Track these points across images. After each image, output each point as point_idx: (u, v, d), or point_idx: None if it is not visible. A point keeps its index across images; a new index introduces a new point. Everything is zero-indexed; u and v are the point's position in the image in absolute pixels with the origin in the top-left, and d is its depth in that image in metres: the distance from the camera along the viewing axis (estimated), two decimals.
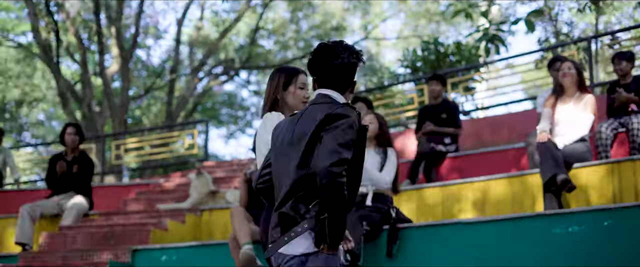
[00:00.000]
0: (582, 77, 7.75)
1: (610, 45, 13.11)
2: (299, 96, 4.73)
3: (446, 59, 14.93)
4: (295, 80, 4.73)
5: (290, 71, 4.81)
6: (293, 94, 4.73)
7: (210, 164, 13.30)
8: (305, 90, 4.74)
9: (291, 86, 4.72)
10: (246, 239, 6.91)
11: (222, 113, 28.77)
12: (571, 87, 7.71)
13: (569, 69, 7.72)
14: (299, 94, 4.73)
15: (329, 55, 3.83)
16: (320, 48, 3.88)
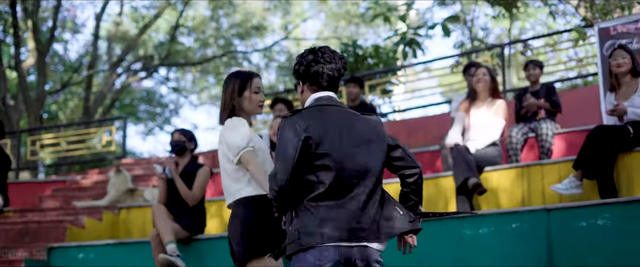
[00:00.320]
0: (496, 83, 8.03)
1: (523, 52, 13.56)
2: (255, 101, 4.61)
3: (364, 62, 15.15)
4: (250, 85, 4.61)
5: (244, 76, 4.69)
6: (248, 99, 4.58)
7: (129, 162, 13.25)
8: (260, 94, 4.63)
9: (246, 91, 4.59)
10: (170, 237, 6.94)
11: (140, 110, 28.57)
12: (484, 92, 7.98)
13: (484, 75, 7.99)
14: (254, 98, 4.60)
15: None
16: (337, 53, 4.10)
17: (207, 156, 13.15)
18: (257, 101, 4.60)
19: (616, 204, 5.67)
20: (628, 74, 7.38)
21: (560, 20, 17.88)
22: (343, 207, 3.81)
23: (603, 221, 5.59)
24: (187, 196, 7.35)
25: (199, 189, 7.42)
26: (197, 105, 31.69)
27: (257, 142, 4.54)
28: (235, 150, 4.46)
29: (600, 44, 10.54)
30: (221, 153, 4.59)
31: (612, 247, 5.52)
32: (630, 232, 5.49)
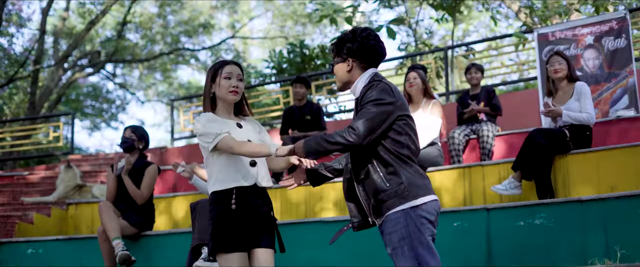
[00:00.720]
0: (427, 84, 8.20)
1: (466, 56, 13.85)
2: (224, 86, 4.53)
3: (311, 62, 15.30)
4: (221, 72, 4.56)
5: (216, 64, 4.67)
6: (219, 85, 4.54)
7: (76, 158, 13.21)
8: (232, 79, 4.55)
9: (217, 77, 4.55)
10: (116, 233, 7.02)
11: (85, 105, 28.31)
12: (417, 95, 8.17)
13: (414, 79, 8.16)
14: (223, 84, 4.53)
15: None
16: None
17: (155, 152, 13.20)
18: (227, 86, 4.52)
19: (552, 204, 5.90)
20: (564, 80, 7.68)
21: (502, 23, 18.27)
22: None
23: (540, 220, 5.83)
24: (136, 195, 7.44)
25: (147, 188, 7.52)
26: (144, 101, 31.51)
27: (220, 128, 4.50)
28: (203, 146, 4.52)
29: (540, 49, 10.91)
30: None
31: (548, 245, 5.75)
32: (566, 231, 5.73)
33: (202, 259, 6.33)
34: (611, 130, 8.81)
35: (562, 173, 7.28)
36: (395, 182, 4.05)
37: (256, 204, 4.49)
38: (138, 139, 7.68)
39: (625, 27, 10.43)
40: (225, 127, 4.48)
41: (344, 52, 4.34)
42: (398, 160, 4.07)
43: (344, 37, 4.38)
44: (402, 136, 4.12)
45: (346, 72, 4.35)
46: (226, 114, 4.61)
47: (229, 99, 4.55)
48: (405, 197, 4.01)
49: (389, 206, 4.02)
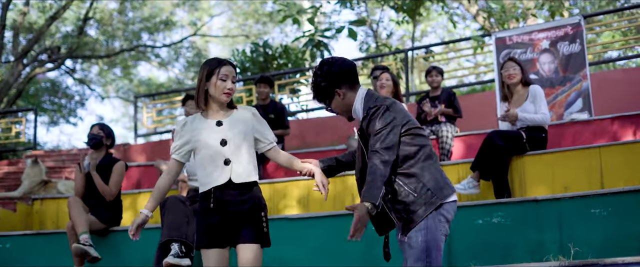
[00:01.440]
0: (397, 87, 8.40)
1: (425, 57, 14.12)
2: (220, 88, 4.59)
3: (274, 61, 15.44)
4: (218, 72, 4.60)
5: (214, 62, 4.70)
6: (214, 85, 4.58)
7: (39, 153, 13.22)
8: (228, 81, 4.60)
9: (213, 77, 4.59)
10: (84, 228, 7.10)
11: (43, 100, 28.06)
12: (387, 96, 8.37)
13: (387, 80, 8.35)
14: (219, 85, 4.58)
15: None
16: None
17: (118, 148, 13.25)
18: (222, 88, 4.58)
19: (510, 203, 6.15)
20: (519, 84, 7.92)
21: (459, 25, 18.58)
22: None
23: (498, 218, 6.07)
24: (104, 191, 7.53)
25: (115, 184, 7.62)
26: (103, 97, 31.31)
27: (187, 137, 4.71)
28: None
29: (497, 53, 11.21)
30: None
31: (505, 243, 6.00)
32: (522, 229, 5.99)
33: (172, 255, 6.45)
34: (565, 132, 9.12)
35: (519, 173, 7.54)
36: (423, 189, 4.22)
37: (234, 201, 4.58)
38: (106, 136, 7.77)
39: (580, 33, 10.77)
40: (200, 133, 4.63)
41: (327, 91, 4.48)
42: (417, 166, 4.25)
43: (315, 82, 4.54)
44: (414, 142, 4.30)
45: (342, 103, 4.50)
46: (215, 111, 4.67)
47: (221, 99, 4.61)
48: (433, 202, 4.20)
49: (421, 214, 4.20)
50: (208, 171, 4.63)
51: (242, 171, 4.61)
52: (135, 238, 4.74)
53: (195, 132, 4.66)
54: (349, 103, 4.50)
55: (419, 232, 4.20)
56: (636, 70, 12.72)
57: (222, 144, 4.60)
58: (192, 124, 4.69)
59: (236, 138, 4.63)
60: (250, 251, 4.58)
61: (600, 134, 8.99)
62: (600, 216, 5.76)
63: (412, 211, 4.22)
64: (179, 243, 6.53)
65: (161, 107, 16.01)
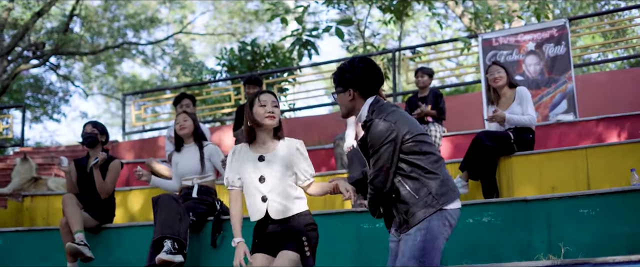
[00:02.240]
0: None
1: (412, 58, 14.20)
2: (260, 113, 4.88)
3: (262, 60, 15.48)
4: (258, 100, 4.93)
5: (253, 95, 5.02)
6: (256, 113, 4.89)
7: (28, 150, 13.19)
8: (267, 106, 4.89)
9: (255, 106, 4.91)
10: (79, 226, 7.13)
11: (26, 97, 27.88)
12: None
13: None
14: (259, 111, 4.88)
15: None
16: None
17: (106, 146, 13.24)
18: (262, 113, 4.86)
19: (499, 203, 6.25)
20: (505, 86, 8.03)
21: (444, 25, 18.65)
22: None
23: (488, 218, 6.17)
24: (102, 189, 7.55)
25: (112, 182, 7.63)
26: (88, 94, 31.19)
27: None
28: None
29: (484, 54, 11.33)
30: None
31: (495, 242, 6.10)
32: (511, 228, 6.09)
33: (165, 252, 6.51)
34: (551, 133, 9.26)
35: (507, 174, 7.66)
36: (424, 193, 4.32)
37: (276, 233, 4.92)
38: (100, 134, 7.80)
39: (565, 35, 10.91)
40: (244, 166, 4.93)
41: (344, 82, 4.57)
42: (422, 172, 4.34)
43: (343, 68, 4.61)
44: (418, 151, 4.36)
45: (349, 101, 4.58)
46: (261, 143, 4.95)
47: (265, 123, 4.87)
48: (433, 205, 4.30)
49: (420, 216, 4.30)
50: (249, 202, 4.97)
51: (279, 207, 4.86)
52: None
53: (240, 164, 4.98)
54: (352, 106, 4.60)
55: (418, 231, 4.28)
56: (620, 73, 12.89)
57: (260, 181, 4.88)
58: (240, 154, 5.00)
59: (274, 175, 4.88)
60: (286, 256, 4.81)
61: (586, 136, 9.13)
62: (588, 216, 5.87)
63: (412, 213, 4.32)
64: (172, 240, 6.58)
65: (149, 105, 15.99)
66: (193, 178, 7.39)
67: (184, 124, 7.53)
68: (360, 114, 4.59)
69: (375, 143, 4.33)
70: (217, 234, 7.11)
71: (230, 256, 6.84)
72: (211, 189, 7.44)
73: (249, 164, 4.93)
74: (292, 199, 4.90)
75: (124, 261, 7.44)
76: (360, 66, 4.56)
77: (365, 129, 4.44)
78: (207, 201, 7.30)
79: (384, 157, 4.31)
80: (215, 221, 7.15)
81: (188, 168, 7.44)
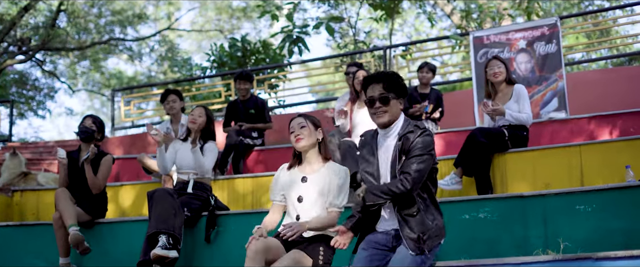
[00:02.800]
0: None
1: (403, 55, 14.20)
2: (292, 140, 5.34)
3: (252, 56, 15.45)
4: (289, 128, 5.40)
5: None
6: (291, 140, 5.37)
7: (16, 145, 13.11)
8: (296, 130, 5.31)
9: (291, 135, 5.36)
10: (72, 220, 7.09)
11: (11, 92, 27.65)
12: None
13: (363, 76, 8.42)
14: (292, 138, 5.34)
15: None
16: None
17: None
18: (292, 139, 5.33)
19: (496, 199, 6.26)
20: (503, 82, 8.04)
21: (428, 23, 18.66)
22: None
23: (484, 214, 6.18)
24: (94, 184, 7.50)
25: (103, 178, 7.58)
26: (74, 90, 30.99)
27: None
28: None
29: (475, 52, 11.35)
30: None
31: (491, 238, 6.10)
32: (508, 224, 6.10)
33: (160, 246, 6.48)
34: (543, 131, 9.28)
35: (501, 170, 7.67)
36: (437, 221, 4.69)
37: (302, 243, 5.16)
38: (97, 130, 7.75)
39: (556, 33, 10.95)
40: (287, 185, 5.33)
41: (401, 91, 4.82)
42: (433, 202, 4.73)
43: (397, 76, 4.87)
44: (433, 178, 4.77)
45: (395, 109, 4.81)
46: (309, 163, 5.33)
47: (297, 147, 5.30)
48: (439, 236, 4.68)
49: (430, 245, 4.61)
50: (287, 219, 5.36)
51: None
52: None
53: (286, 181, 5.37)
54: (396, 113, 4.82)
55: (417, 257, 4.58)
56: (611, 71, 12.95)
57: (298, 201, 5.24)
58: (288, 171, 5.41)
59: (311, 197, 5.22)
60: (293, 253, 5.01)
61: (578, 133, 9.15)
62: (584, 212, 5.89)
63: (428, 237, 4.61)
64: (167, 235, 6.55)
65: (137, 101, 15.92)
66: (189, 173, 7.36)
67: (197, 119, 7.50)
68: (396, 125, 4.82)
69: (423, 149, 4.61)
70: (212, 230, 7.07)
71: (225, 252, 6.96)
72: (206, 185, 7.42)
73: (291, 183, 5.30)
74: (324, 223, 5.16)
75: (117, 256, 7.40)
76: (401, 80, 4.87)
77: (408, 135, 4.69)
78: (202, 196, 7.27)
79: (426, 163, 4.61)
80: (209, 216, 7.11)
81: (186, 162, 7.41)
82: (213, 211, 7.17)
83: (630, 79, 11.50)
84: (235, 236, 7.00)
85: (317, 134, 5.37)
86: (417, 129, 4.70)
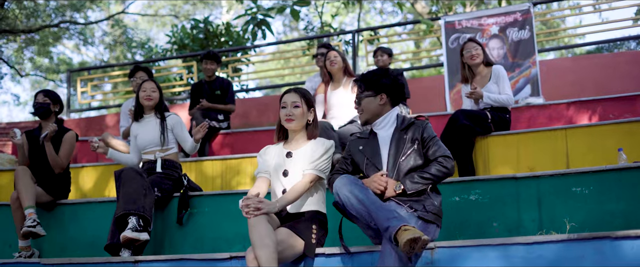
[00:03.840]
0: (347, 63, 8.25)
1: (370, 40, 13.98)
2: (281, 116, 5.09)
3: (215, 39, 15.11)
4: (281, 101, 5.13)
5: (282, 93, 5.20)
6: (280, 113, 5.11)
7: None
8: (287, 108, 5.05)
9: (281, 108, 5.11)
10: (30, 202, 6.66)
11: None
12: (338, 73, 8.19)
13: (335, 57, 8.18)
14: (281, 113, 5.09)
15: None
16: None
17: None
18: (283, 116, 5.08)
19: (488, 180, 6.01)
20: (481, 64, 7.85)
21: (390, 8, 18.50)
22: None
23: (475, 196, 5.94)
24: (55, 163, 7.08)
25: (66, 156, 7.17)
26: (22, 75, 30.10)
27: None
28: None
29: (446, 37, 11.15)
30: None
31: (483, 220, 5.86)
32: (500, 207, 5.86)
33: (130, 229, 6.07)
34: (520, 117, 9.11)
35: (483, 154, 7.48)
36: (438, 202, 4.81)
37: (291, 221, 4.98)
38: (53, 103, 7.33)
39: (529, 19, 10.81)
40: (272, 160, 5.15)
41: (377, 87, 4.96)
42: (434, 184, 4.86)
43: (376, 73, 5.03)
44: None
45: (378, 105, 4.98)
46: (294, 140, 5.15)
47: (287, 126, 5.10)
48: (440, 217, 4.80)
49: (433, 221, 4.73)
50: (272, 194, 5.17)
51: (296, 203, 5.01)
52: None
53: (270, 157, 5.18)
54: (378, 110, 5.01)
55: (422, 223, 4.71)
56: (583, 58, 12.90)
57: (284, 175, 5.05)
58: (267, 152, 5.23)
59: (297, 172, 5.02)
60: (283, 233, 4.76)
61: (557, 119, 9.02)
62: (581, 194, 5.67)
63: (432, 213, 4.75)
64: (137, 216, 6.14)
65: (97, 83, 15.40)
66: (155, 151, 6.97)
67: (152, 95, 7.09)
68: (384, 121, 5.01)
69: (434, 136, 4.89)
70: (184, 211, 6.70)
71: (196, 234, 6.63)
72: (176, 163, 7.01)
73: (277, 160, 5.12)
74: (310, 197, 5.03)
75: (81, 239, 7.00)
76: (394, 75, 5.00)
77: (413, 128, 4.90)
78: (173, 175, 6.88)
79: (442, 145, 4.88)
80: (182, 197, 6.74)
81: (149, 140, 7.00)
82: (186, 191, 6.79)
83: (603, 67, 11.44)
84: (209, 218, 6.68)
85: (309, 115, 5.16)
86: (417, 121, 4.98)
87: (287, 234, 4.75)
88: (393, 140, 4.89)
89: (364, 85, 5.02)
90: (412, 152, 4.83)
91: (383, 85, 4.96)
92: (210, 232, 6.60)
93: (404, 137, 4.87)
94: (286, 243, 4.69)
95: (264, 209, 4.63)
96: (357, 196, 4.55)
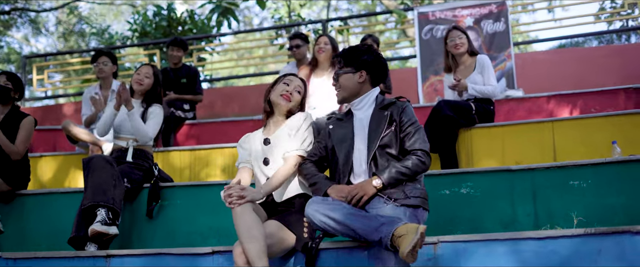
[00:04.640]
0: (337, 52, 7.97)
1: (340, 30, 13.70)
2: (278, 89, 4.96)
3: (178, 26, 14.72)
4: (282, 78, 5.02)
5: (283, 75, 5.10)
6: (275, 90, 4.97)
7: None
8: (291, 85, 4.95)
9: (278, 83, 5.00)
10: None
11: None
12: (325, 62, 7.89)
13: (325, 44, 7.90)
14: (279, 87, 4.96)
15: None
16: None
17: None
18: (280, 89, 4.94)
19: (480, 173, 5.74)
20: (466, 54, 7.59)
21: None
22: None
23: (466, 189, 5.66)
24: (10, 150, 6.58)
25: (23, 142, 6.66)
26: None
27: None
28: None
29: (419, 28, 10.90)
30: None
31: (475, 215, 5.60)
32: (493, 200, 5.60)
33: (99, 222, 5.63)
34: (499, 110, 8.90)
35: (467, 146, 7.24)
36: (421, 184, 4.58)
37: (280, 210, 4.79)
38: (14, 89, 6.86)
39: (505, 12, 10.65)
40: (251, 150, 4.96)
41: (358, 63, 4.68)
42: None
43: (358, 48, 4.75)
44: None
45: (357, 83, 4.70)
46: (272, 123, 4.96)
47: (280, 103, 4.89)
48: (425, 200, 4.55)
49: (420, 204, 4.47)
50: (256, 185, 4.93)
51: (281, 190, 4.79)
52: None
53: (251, 145, 4.98)
54: (357, 89, 4.72)
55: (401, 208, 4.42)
56: (558, 52, 12.81)
57: (265, 164, 4.84)
58: (252, 137, 5.02)
59: (277, 159, 4.83)
60: (273, 225, 4.50)
61: (536, 112, 8.86)
62: (579, 187, 5.43)
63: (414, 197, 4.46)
64: (106, 208, 5.71)
65: (54, 70, 14.89)
66: (128, 139, 6.55)
67: (144, 80, 6.70)
68: (363, 101, 4.73)
69: (415, 121, 4.62)
70: (154, 203, 6.29)
71: (168, 228, 6.24)
72: (148, 153, 6.61)
73: (255, 147, 4.93)
74: (294, 182, 4.83)
75: (43, 231, 6.56)
76: (376, 53, 4.74)
77: (393, 108, 4.65)
78: (143, 166, 6.48)
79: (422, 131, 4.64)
80: (152, 188, 6.32)
81: (126, 126, 6.59)
82: (156, 182, 6.37)
83: (579, 60, 11.29)
84: (180, 210, 6.31)
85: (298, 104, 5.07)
86: (397, 103, 4.72)
87: (277, 227, 4.45)
88: (373, 119, 4.63)
89: (344, 60, 4.78)
90: (389, 133, 4.56)
91: (364, 62, 4.69)
92: (182, 226, 6.24)
93: (384, 114, 4.61)
94: (276, 237, 4.39)
95: (248, 196, 4.37)
96: (333, 218, 4.25)
